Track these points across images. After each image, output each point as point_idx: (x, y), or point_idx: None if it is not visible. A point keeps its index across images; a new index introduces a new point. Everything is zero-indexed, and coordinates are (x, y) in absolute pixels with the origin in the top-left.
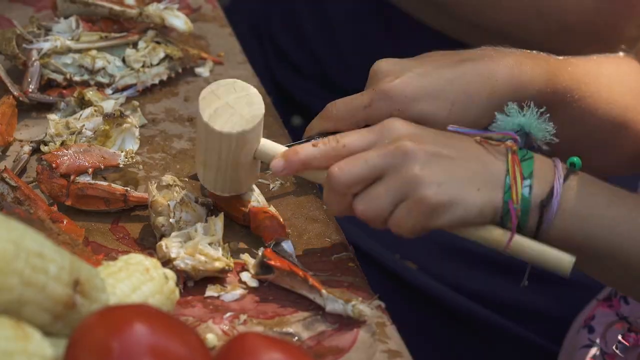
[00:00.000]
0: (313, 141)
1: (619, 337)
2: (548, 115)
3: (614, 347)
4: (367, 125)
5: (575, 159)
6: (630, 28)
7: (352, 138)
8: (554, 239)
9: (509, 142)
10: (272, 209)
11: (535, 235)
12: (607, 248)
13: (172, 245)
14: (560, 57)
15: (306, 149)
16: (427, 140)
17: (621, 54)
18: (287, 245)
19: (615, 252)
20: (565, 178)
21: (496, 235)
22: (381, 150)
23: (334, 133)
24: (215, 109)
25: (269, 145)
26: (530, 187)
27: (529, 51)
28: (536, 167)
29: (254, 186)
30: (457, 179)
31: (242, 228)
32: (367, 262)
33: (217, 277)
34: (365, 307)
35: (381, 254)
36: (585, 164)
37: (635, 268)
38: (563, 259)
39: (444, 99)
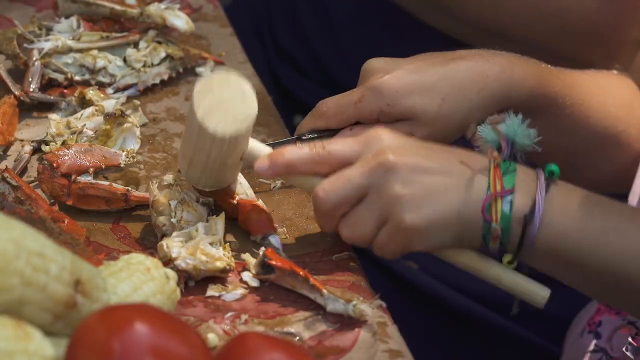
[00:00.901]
0: (299, 143)
1: (629, 339)
2: (529, 120)
3: (624, 349)
4: (358, 123)
5: (554, 167)
6: (633, 30)
7: (338, 146)
8: (539, 254)
9: (495, 154)
10: (260, 202)
11: (519, 251)
12: (594, 261)
13: (173, 245)
14: (551, 66)
15: (292, 152)
16: (409, 153)
17: (615, 71)
18: (274, 240)
19: (603, 264)
20: (547, 189)
21: (474, 262)
22: (364, 167)
23: (326, 131)
24: (209, 105)
25: (256, 147)
26: (511, 202)
27: (520, 55)
28: (518, 180)
29: (243, 179)
30: (437, 202)
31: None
32: (368, 262)
33: (218, 277)
34: (366, 307)
35: None
36: (578, 177)
37: (624, 281)
38: (537, 293)
39: (434, 94)
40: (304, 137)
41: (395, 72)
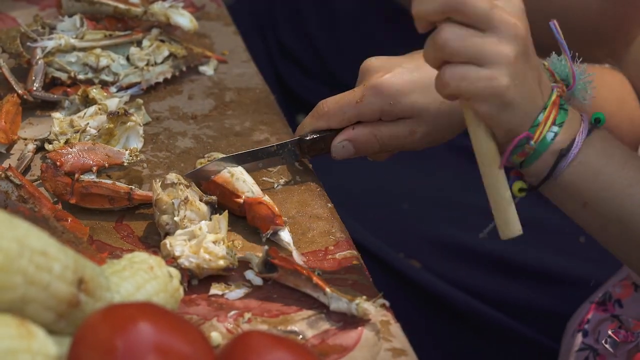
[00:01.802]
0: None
1: (609, 332)
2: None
3: (603, 342)
4: (358, 123)
5: (601, 115)
6: (635, 30)
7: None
8: (561, 188)
9: (559, 87)
10: (266, 199)
11: (544, 180)
12: (614, 209)
13: (176, 244)
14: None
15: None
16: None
17: (607, 65)
18: (284, 234)
19: (622, 214)
20: (589, 133)
21: (491, 155)
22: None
23: (327, 131)
24: None
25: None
26: (555, 134)
27: None
28: (569, 118)
29: (248, 176)
30: (525, 85)
31: (246, 226)
32: (371, 261)
33: (222, 275)
34: (369, 306)
35: (385, 252)
36: None
37: (635, 230)
38: (513, 225)
39: (435, 91)
40: (306, 138)
41: (395, 70)
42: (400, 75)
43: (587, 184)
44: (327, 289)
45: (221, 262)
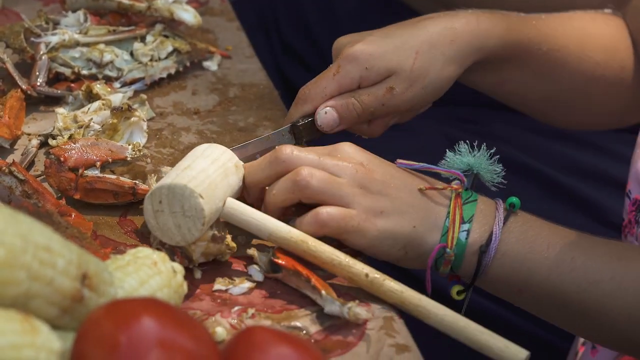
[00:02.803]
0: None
1: None
2: (498, 157)
3: None
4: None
5: (515, 199)
6: None
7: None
8: (492, 281)
9: (455, 185)
10: None
11: (474, 280)
12: (545, 289)
13: None
14: (523, 14)
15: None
16: (376, 169)
17: (607, 10)
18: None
19: (554, 292)
20: (505, 220)
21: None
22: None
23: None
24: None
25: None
26: (468, 231)
27: (487, 10)
28: (478, 210)
29: None
30: (394, 217)
31: None
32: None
33: (226, 271)
34: (361, 310)
35: None
36: (565, 121)
37: (573, 305)
38: (515, 355)
39: (407, 49)
40: (298, 123)
41: (366, 39)
42: (371, 41)
43: (515, 273)
44: (323, 292)
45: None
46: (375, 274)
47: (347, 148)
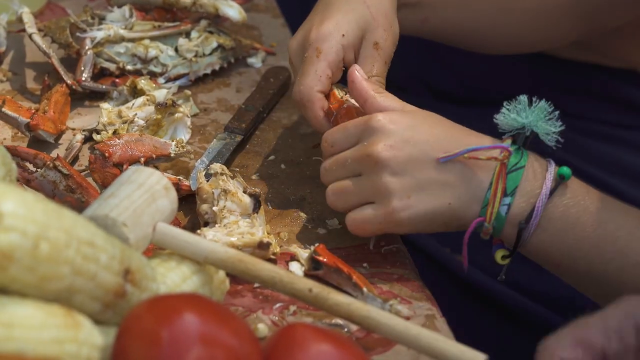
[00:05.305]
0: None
1: None
2: (557, 112)
3: None
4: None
5: (565, 170)
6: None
7: (337, 137)
8: (531, 251)
9: (502, 154)
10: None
11: (513, 250)
12: (585, 266)
13: (208, 232)
14: None
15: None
16: (402, 146)
17: None
18: None
19: (592, 270)
20: (552, 193)
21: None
22: (356, 155)
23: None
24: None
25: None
26: (509, 205)
27: None
28: (523, 179)
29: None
30: (429, 196)
31: (293, 220)
32: (417, 255)
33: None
34: (402, 308)
35: (432, 246)
36: (477, 44)
37: (612, 284)
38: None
39: (358, 3)
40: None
41: (322, 16)
42: (328, 15)
43: (555, 248)
44: (364, 289)
45: (255, 237)
46: (318, 289)
47: (377, 125)
